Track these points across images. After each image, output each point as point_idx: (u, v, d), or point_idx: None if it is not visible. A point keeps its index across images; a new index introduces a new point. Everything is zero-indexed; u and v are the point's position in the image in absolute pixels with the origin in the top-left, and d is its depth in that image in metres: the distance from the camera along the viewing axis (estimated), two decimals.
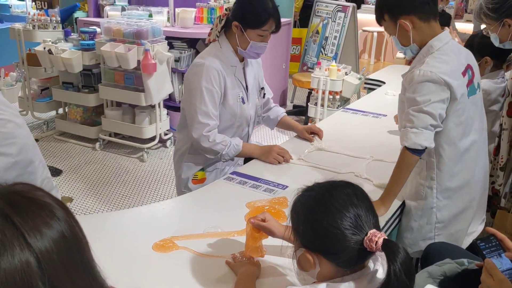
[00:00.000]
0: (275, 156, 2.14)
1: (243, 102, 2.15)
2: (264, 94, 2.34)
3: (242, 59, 2.14)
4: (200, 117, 2.01)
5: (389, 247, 0.96)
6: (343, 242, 1.00)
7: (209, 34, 2.12)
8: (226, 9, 2.07)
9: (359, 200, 1.04)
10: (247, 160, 2.30)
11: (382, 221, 1.81)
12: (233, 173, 2.07)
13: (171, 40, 4.29)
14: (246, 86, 2.16)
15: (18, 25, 4.54)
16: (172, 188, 3.78)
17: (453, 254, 1.61)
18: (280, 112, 2.45)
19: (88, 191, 3.70)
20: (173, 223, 1.72)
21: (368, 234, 0.98)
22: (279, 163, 2.15)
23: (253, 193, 1.90)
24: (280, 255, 1.45)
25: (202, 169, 2.19)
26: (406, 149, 1.75)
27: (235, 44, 2.05)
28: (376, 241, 0.96)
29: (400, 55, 7.27)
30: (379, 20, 1.84)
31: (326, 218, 1.02)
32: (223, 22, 2.05)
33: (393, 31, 1.80)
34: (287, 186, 1.95)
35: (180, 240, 1.55)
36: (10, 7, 7.03)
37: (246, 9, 1.98)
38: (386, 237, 0.98)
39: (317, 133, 2.41)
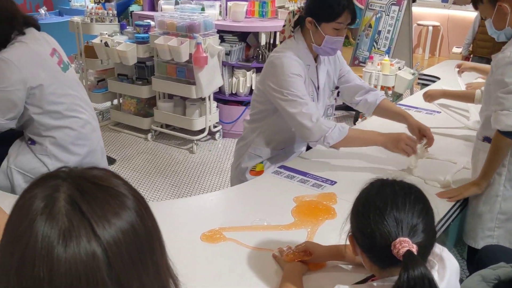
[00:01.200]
0: (404, 146, 1.95)
1: (313, 102, 2.12)
2: (338, 92, 2.28)
3: (315, 59, 2.11)
4: (298, 99, 1.95)
5: (407, 260, 0.92)
6: (372, 240, 1.00)
7: (283, 32, 2.11)
8: (299, 7, 2.07)
9: (408, 203, 1.00)
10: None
11: (445, 207, 1.80)
12: (281, 167, 2.07)
13: (222, 34, 4.32)
14: (318, 85, 2.14)
15: (77, 18, 4.71)
16: (220, 179, 3.83)
17: (508, 257, 1.55)
18: (379, 95, 2.29)
19: (140, 180, 3.81)
20: (221, 214, 1.75)
21: (396, 240, 0.96)
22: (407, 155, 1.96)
23: (301, 187, 1.89)
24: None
25: (261, 162, 2.20)
26: (498, 132, 1.75)
27: (309, 41, 2.02)
28: (399, 250, 0.94)
29: (456, 50, 7.00)
30: (476, 2, 1.86)
31: (364, 212, 1.03)
32: (296, 17, 2.03)
33: (489, 13, 1.82)
34: (335, 182, 1.93)
35: (227, 231, 1.57)
36: (70, 1, 7.29)
37: (320, 3, 1.96)
38: (414, 251, 0.94)
39: (429, 138, 2.06)
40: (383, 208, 1.00)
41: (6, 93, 1.98)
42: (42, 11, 6.65)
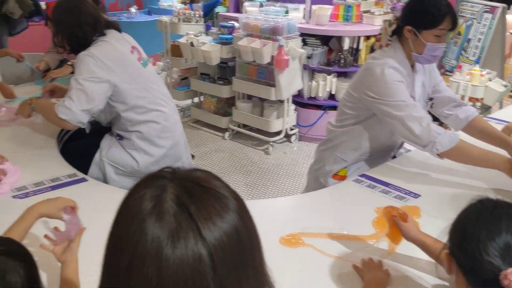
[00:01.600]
0: None
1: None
2: (433, 103, 2.20)
3: (412, 68, 2.06)
4: (404, 103, 1.90)
5: None
6: (478, 262, 0.93)
7: (379, 40, 2.07)
8: (395, 16, 2.03)
9: None
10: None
11: None
12: (363, 175, 2.03)
13: (305, 37, 4.31)
14: (414, 96, 2.06)
15: (165, 18, 4.90)
16: (294, 183, 3.82)
17: None
18: (472, 111, 2.15)
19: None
20: (299, 219, 1.74)
21: (509, 270, 0.88)
22: None
23: (382, 198, 1.84)
24: (412, 267, 1.40)
25: (346, 167, 2.18)
26: None
27: (408, 50, 1.98)
28: (510, 282, 0.87)
29: None
30: None
31: (473, 232, 0.96)
32: (393, 26, 2.00)
33: None
34: (419, 195, 1.86)
35: (306, 237, 1.57)
36: (158, 1, 7.60)
37: (419, 10, 1.92)
38: None
39: None
40: (497, 231, 0.93)
41: (89, 83, 2.07)
42: (133, 9, 6.99)
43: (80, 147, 2.39)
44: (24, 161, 2.08)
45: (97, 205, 1.70)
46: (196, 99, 5.13)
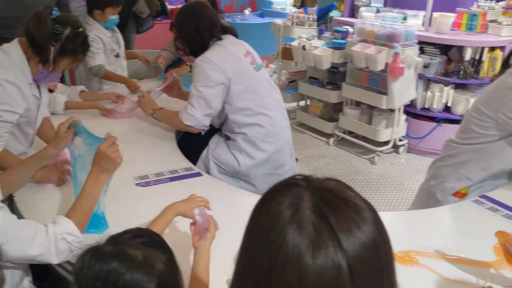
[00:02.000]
0: None
1: None
2: None
3: None
4: None
5: None
6: None
7: None
8: None
9: None
10: None
11: None
12: (483, 196, 1.90)
13: (423, 45, 4.13)
14: None
15: (279, 21, 4.98)
16: (400, 196, 3.68)
17: None
18: None
19: None
20: (413, 236, 1.66)
21: None
22: None
23: (505, 223, 1.71)
24: None
25: (469, 186, 2.06)
26: None
27: None
28: None
29: None
30: None
31: None
32: None
33: None
34: None
35: (421, 256, 1.50)
36: (272, 4, 7.74)
37: None
38: None
39: None
40: None
41: (207, 89, 2.20)
42: (247, 11, 7.19)
43: (191, 143, 2.51)
44: (146, 151, 2.22)
45: (212, 200, 1.76)
46: (302, 103, 5.14)
